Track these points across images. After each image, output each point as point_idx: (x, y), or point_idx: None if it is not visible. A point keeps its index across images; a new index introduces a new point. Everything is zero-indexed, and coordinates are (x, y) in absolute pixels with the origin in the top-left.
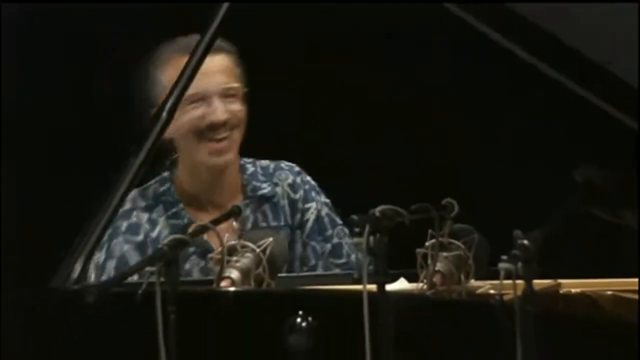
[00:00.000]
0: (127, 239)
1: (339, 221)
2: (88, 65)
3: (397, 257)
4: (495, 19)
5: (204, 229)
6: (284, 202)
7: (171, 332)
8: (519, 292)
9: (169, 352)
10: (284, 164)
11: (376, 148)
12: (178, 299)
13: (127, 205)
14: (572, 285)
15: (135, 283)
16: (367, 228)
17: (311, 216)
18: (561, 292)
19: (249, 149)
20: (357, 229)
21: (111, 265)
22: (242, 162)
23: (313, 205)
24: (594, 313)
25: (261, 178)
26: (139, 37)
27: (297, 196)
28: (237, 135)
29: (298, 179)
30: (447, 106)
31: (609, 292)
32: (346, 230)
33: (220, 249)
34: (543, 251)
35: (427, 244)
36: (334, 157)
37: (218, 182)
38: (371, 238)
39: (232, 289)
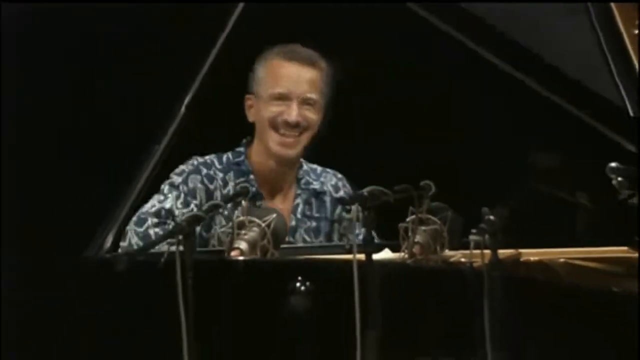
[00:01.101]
0: (203, 180)
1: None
2: (88, 65)
3: (382, 230)
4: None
5: (216, 207)
6: (327, 199)
7: (189, 295)
8: (486, 260)
9: (187, 312)
10: (329, 169)
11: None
12: (195, 267)
13: (208, 161)
14: (531, 254)
15: (158, 253)
16: (356, 205)
17: (345, 216)
18: (522, 259)
19: None
20: (348, 207)
21: (183, 188)
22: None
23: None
24: (549, 277)
25: (312, 176)
26: (139, 37)
27: (338, 196)
28: (304, 137)
29: (340, 183)
30: (435, 102)
31: (562, 260)
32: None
33: (230, 223)
34: (507, 225)
35: (408, 219)
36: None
37: (280, 170)
38: (360, 215)
39: (241, 258)
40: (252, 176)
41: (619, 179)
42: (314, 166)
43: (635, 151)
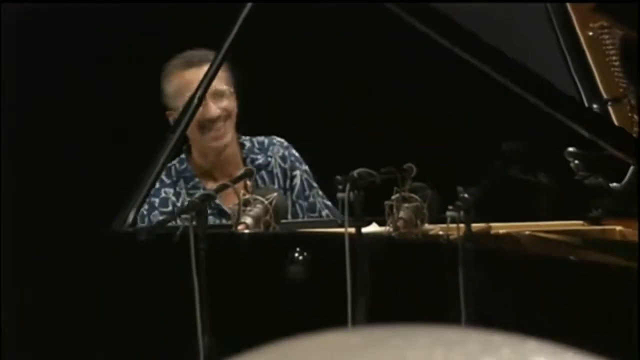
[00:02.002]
0: (160, 211)
1: (315, 185)
2: (110, 61)
3: (370, 207)
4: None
5: (225, 186)
6: (277, 170)
7: (202, 264)
8: (461, 233)
9: (200, 278)
10: (276, 139)
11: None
12: (207, 239)
13: (157, 185)
14: (499, 227)
15: (175, 227)
16: (347, 186)
17: (297, 181)
18: (492, 232)
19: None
20: (340, 187)
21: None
22: (241, 140)
23: (298, 172)
24: (515, 248)
25: (257, 151)
26: (139, 37)
27: (287, 165)
28: (229, 123)
29: (286, 152)
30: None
31: (527, 232)
32: (320, 192)
33: (237, 201)
34: (479, 202)
35: (392, 197)
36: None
37: (222, 159)
38: (351, 193)
39: (246, 231)
40: (197, 179)
41: (576, 162)
42: (260, 139)
43: (588, 137)
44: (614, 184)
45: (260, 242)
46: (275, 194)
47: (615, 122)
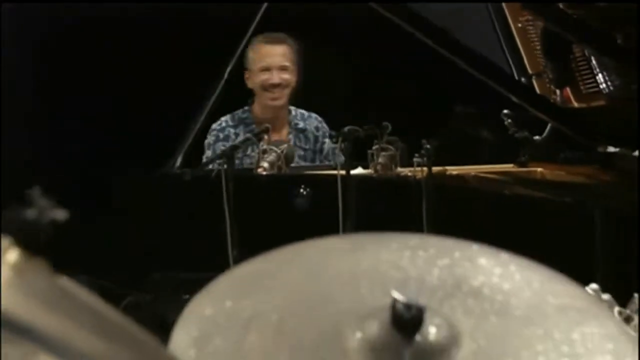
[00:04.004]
0: (223, 144)
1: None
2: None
3: (357, 155)
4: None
5: (248, 140)
6: (311, 136)
7: (230, 198)
8: (424, 174)
9: (230, 208)
10: (312, 113)
11: None
12: (235, 179)
13: (223, 124)
14: (453, 170)
15: (210, 170)
16: (340, 139)
17: (325, 147)
18: (447, 173)
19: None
20: (334, 140)
21: (214, 155)
22: (289, 107)
23: (327, 140)
24: (464, 185)
25: (299, 118)
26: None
27: (319, 134)
28: (286, 92)
29: (320, 125)
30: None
31: (473, 173)
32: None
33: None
34: (438, 151)
35: (373, 147)
36: None
37: (275, 116)
38: (342, 144)
39: (264, 173)
40: (253, 126)
41: (509, 120)
42: (302, 111)
43: (518, 102)
44: (537, 137)
45: (274, 181)
46: (286, 145)
47: (538, 91)
